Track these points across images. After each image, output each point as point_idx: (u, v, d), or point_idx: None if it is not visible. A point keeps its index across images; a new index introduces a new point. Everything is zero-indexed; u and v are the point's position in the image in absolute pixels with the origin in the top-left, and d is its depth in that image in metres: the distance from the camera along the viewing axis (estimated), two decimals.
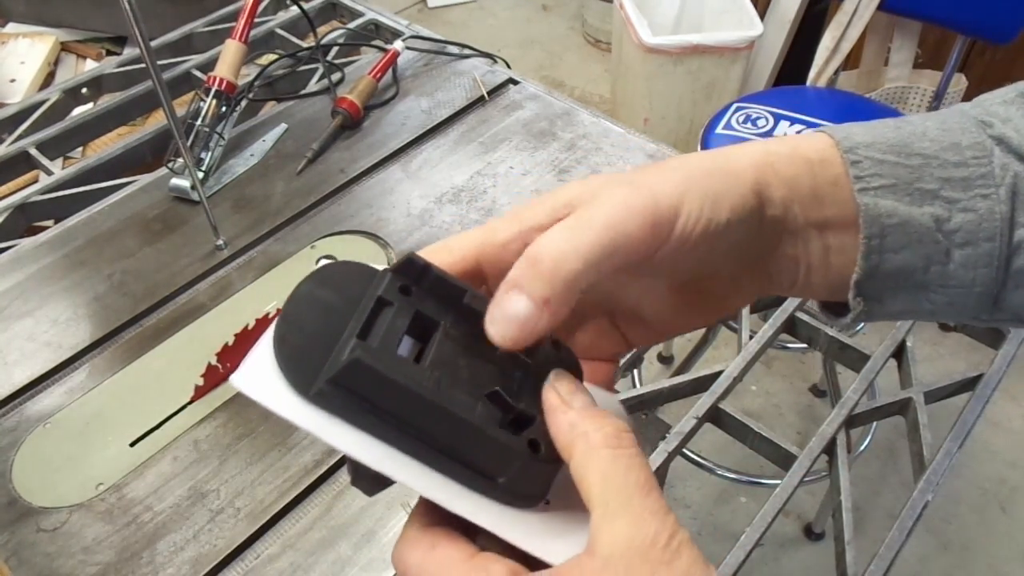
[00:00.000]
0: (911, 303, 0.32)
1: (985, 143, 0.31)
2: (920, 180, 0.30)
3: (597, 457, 0.25)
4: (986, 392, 0.75)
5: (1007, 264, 0.31)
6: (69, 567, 0.60)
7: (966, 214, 0.30)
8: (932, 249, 0.30)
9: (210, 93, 0.92)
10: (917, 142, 0.31)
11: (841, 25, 1.60)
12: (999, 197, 0.30)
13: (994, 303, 0.32)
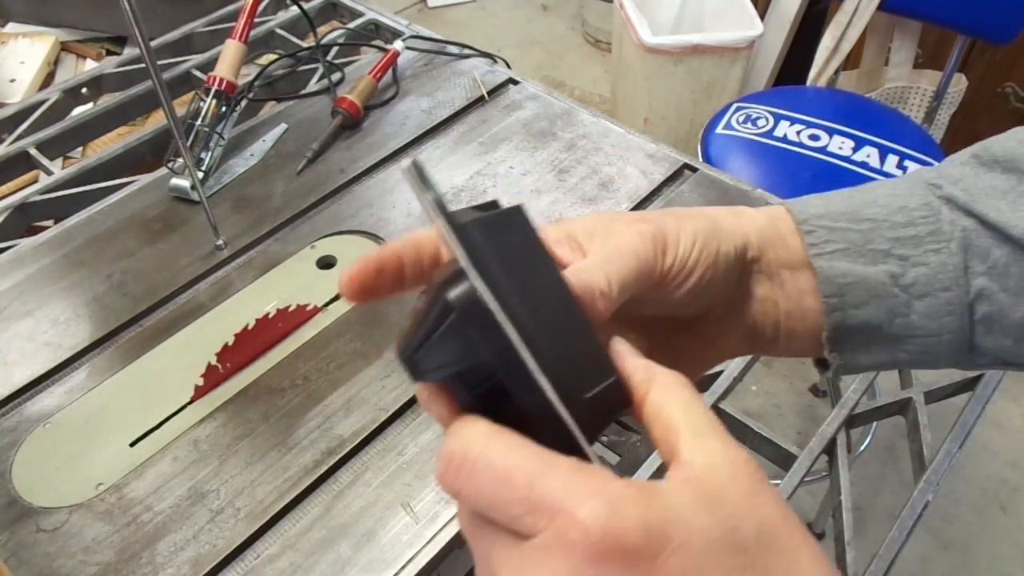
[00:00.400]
0: (887, 355, 0.35)
1: (933, 203, 0.34)
2: (871, 242, 0.34)
3: (677, 390, 0.26)
4: (986, 392, 0.75)
5: (971, 311, 0.34)
6: (69, 567, 0.60)
7: (919, 268, 0.33)
8: (892, 303, 0.34)
9: (210, 93, 0.92)
10: (866, 208, 0.34)
11: (841, 25, 1.60)
12: (950, 250, 0.33)
13: (970, 349, 0.35)
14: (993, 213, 0.33)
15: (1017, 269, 0.33)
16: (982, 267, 0.33)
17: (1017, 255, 0.33)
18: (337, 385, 0.72)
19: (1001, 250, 0.33)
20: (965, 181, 0.34)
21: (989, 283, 0.33)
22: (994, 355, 0.35)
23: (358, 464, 0.67)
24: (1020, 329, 0.34)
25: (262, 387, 0.72)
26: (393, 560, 0.60)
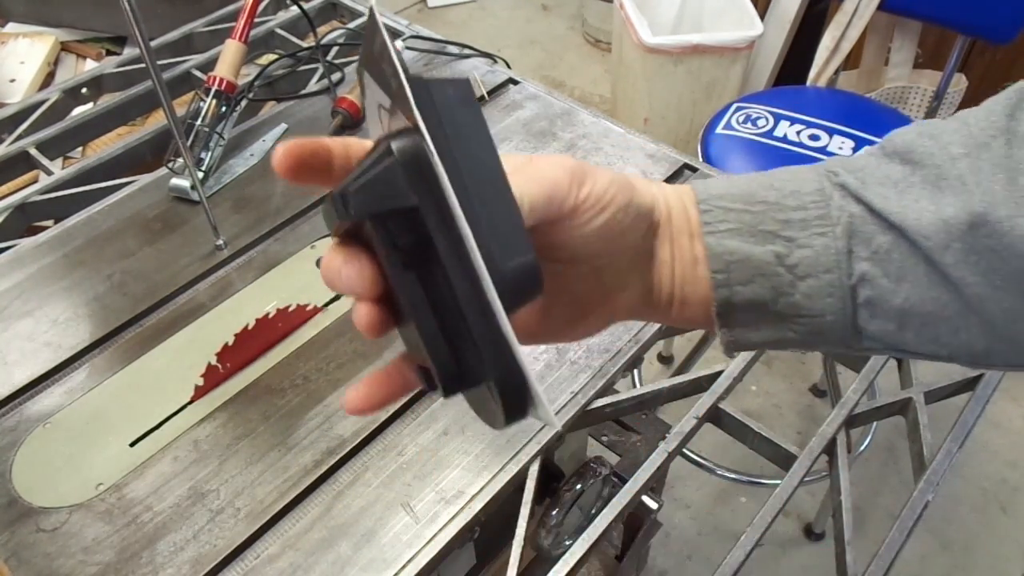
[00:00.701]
0: (775, 332, 0.37)
1: (826, 189, 0.35)
2: (762, 223, 0.35)
3: None
4: (986, 392, 0.75)
5: (853, 295, 0.35)
6: (69, 567, 0.60)
7: (803, 250, 0.35)
8: (777, 282, 0.35)
9: (210, 93, 0.92)
10: (763, 191, 0.36)
11: (841, 25, 1.60)
12: (835, 234, 0.35)
13: (856, 333, 0.36)
14: (879, 200, 0.34)
15: (898, 256, 0.34)
16: (866, 252, 0.34)
17: (899, 242, 0.34)
18: (337, 385, 0.72)
19: (884, 237, 0.34)
20: (864, 170, 0.35)
21: (871, 268, 0.34)
22: (880, 339, 0.36)
23: (358, 464, 0.67)
24: (901, 315, 0.35)
25: (262, 387, 0.72)
26: (393, 560, 0.60)
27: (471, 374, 0.28)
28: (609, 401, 0.71)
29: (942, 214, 0.33)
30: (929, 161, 0.34)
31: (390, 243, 0.27)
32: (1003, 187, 0.32)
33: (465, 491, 0.64)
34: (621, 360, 0.73)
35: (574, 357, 0.74)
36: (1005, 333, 0.34)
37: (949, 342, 0.35)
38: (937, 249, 0.33)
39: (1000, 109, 0.33)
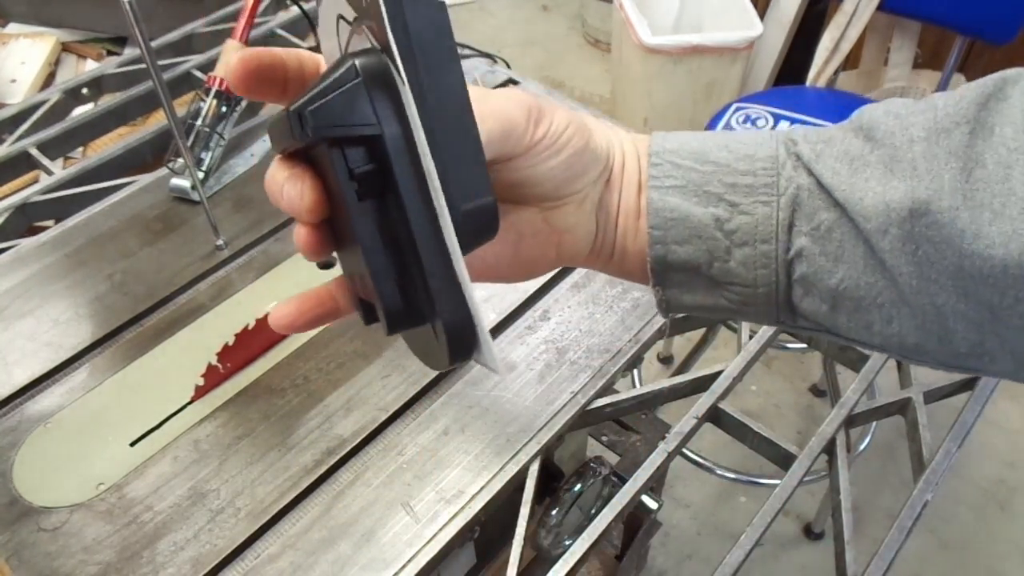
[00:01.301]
0: (709, 297, 0.36)
1: (779, 156, 0.34)
2: (708, 184, 0.34)
3: None
4: (985, 392, 0.75)
5: (789, 269, 0.34)
6: (69, 567, 0.60)
7: (744, 216, 0.34)
8: (713, 245, 0.35)
9: (210, 93, 0.93)
10: (716, 151, 0.35)
11: (841, 25, 1.60)
12: (778, 205, 0.34)
13: (791, 310, 0.35)
14: (829, 175, 0.33)
15: (839, 235, 0.33)
16: (807, 227, 0.33)
17: (842, 221, 0.33)
18: (337, 385, 0.72)
19: (828, 213, 0.33)
20: (827, 142, 0.34)
21: (810, 244, 0.33)
22: (813, 319, 0.35)
23: (358, 464, 0.67)
24: (835, 296, 0.34)
25: (262, 387, 0.72)
26: (393, 560, 0.60)
27: (417, 312, 0.27)
28: (609, 401, 0.71)
29: (886, 196, 0.31)
30: (888, 141, 0.33)
31: (344, 169, 0.25)
32: (953, 177, 0.30)
33: (465, 491, 0.64)
34: (621, 360, 0.73)
35: (574, 357, 0.74)
36: (936, 330, 0.32)
37: (881, 331, 0.34)
38: (875, 232, 0.32)
39: (973, 96, 0.32)
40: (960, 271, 0.30)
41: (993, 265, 0.29)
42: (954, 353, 0.33)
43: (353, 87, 0.24)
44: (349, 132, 0.25)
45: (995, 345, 0.32)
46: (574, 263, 0.38)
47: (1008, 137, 0.30)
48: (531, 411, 0.69)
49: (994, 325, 0.31)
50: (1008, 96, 0.31)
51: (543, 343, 0.75)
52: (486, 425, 0.68)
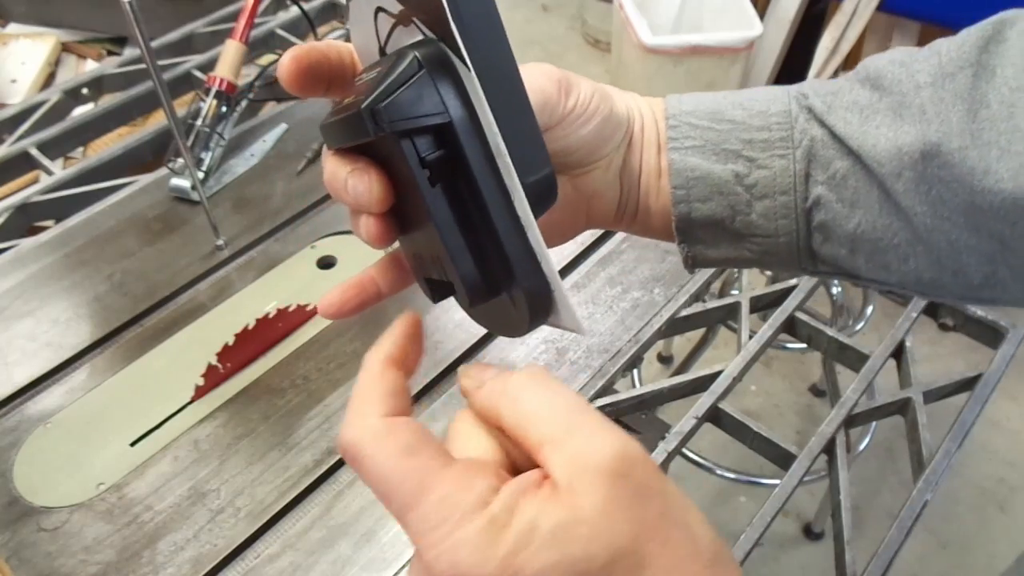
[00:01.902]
0: (733, 250, 0.37)
1: (792, 111, 0.35)
2: (726, 142, 0.35)
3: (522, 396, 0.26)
4: (985, 392, 0.75)
5: (808, 217, 0.35)
6: (70, 566, 0.60)
7: (763, 170, 0.35)
8: (734, 200, 0.36)
9: (210, 93, 0.93)
10: (731, 110, 0.36)
11: (840, 26, 1.60)
12: (795, 157, 0.35)
13: (812, 256, 0.37)
14: (841, 125, 0.34)
15: (854, 181, 0.34)
16: (823, 176, 0.35)
17: (856, 168, 0.34)
18: (337, 385, 0.72)
19: (843, 162, 0.34)
20: (836, 94, 0.35)
21: (827, 192, 0.35)
22: (833, 263, 0.37)
23: None
24: (853, 240, 0.35)
25: (262, 387, 0.72)
26: (393, 560, 0.60)
27: (494, 285, 0.28)
28: (609, 401, 0.71)
29: (898, 141, 0.33)
30: (896, 88, 0.34)
31: (416, 158, 0.26)
32: (960, 118, 0.32)
33: None
34: (621, 360, 0.73)
35: (574, 357, 0.74)
36: (950, 265, 0.34)
37: (899, 269, 0.35)
38: (890, 176, 0.33)
39: (973, 41, 0.33)
40: (972, 207, 0.31)
41: (1004, 199, 0.31)
42: (968, 285, 0.34)
43: (420, 79, 0.25)
44: (422, 123, 0.25)
45: (1006, 274, 0.33)
46: (603, 226, 0.39)
47: (1009, 77, 0.31)
48: None
49: (1004, 255, 0.32)
50: (1007, 38, 0.32)
51: (543, 343, 0.75)
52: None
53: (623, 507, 0.23)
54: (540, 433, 0.24)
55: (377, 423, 0.26)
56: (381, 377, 0.28)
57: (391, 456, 0.25)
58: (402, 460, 0.24)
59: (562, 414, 0.25)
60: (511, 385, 0.26)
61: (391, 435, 0.25)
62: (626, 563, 0.23)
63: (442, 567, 0.23)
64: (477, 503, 0.23)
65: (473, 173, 0.26)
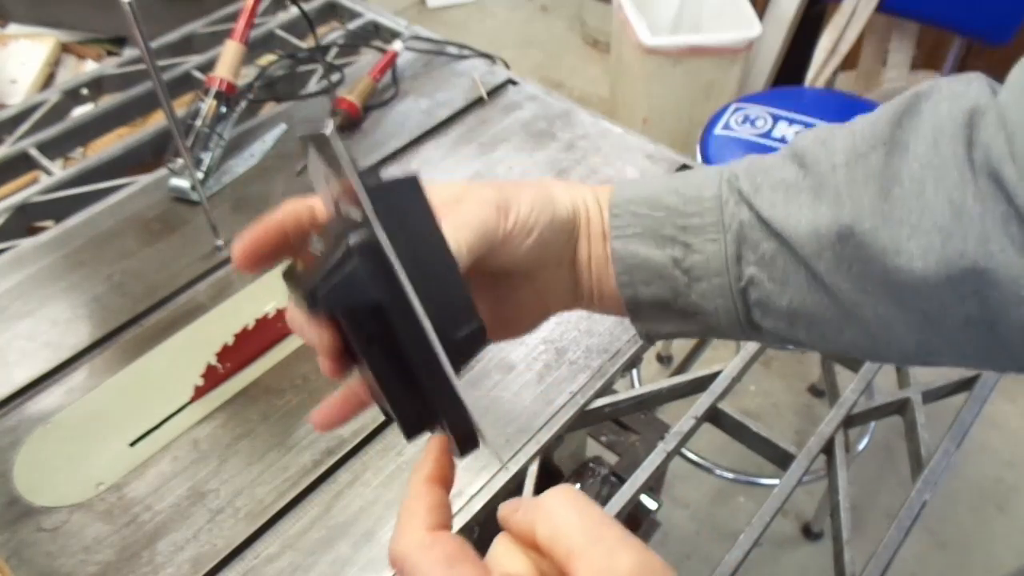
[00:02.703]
0: (682, 325, 0.40)
1: (723, 195, 0.37)
2: (663, 228, 0.38)
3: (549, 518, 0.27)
4: (984, 392, 0.75)
5: (744, 295, 0.37)
6: (70, 566, 0.60)
7: (697, 255, 0.37)
8: (674, 283, 0.38)
9: (210, 93, 0.93)
10: (667, 196, 0.38)
11: (839, 26, 1.60)
12: (725, 241, 0.36)
13: (755, 328, 0.38)
14: (767, 207, 0.36)
15: (782, 262, 0.36)
16: (753, 257, 0.36)
17: (782, 249, 0.35)
18: (336, 385, 0.72)
19: (769, 243, 0.36)
20: (768, 173, 0.37)
21: (758, 272, 0.36)
22: (775, 335, 0.38)
23: (357, 464, 0.67)
24: (790, 314, 0.36)
25: (262, 387, 0.72)
26: None
27: (430, 422, 0.33)
28: (608, 401, 0.71)
29: (816, 222, 0.34)
30: (816, 168, 0.35)
31: (354, 327, 0.30)
32: (872, 199, 0.32)
33: (464, 491, 0.64)
34: (620, 360, 0.73)
35: (573, 357, 0.74)
36: (883, 336, 0.35)
37: (836, 340, 0.36)
38: (812, 256, 0.34)
39: (888, 117, 0.33)
40: (890, 284, 0.32)
41: (916, 277, 0.31)
42: (904, 353, 0.35)
43: (352, 268, 0.29)
44: (356, 304, 0.29)
45: (939, 344, 0.34)
46: (563, 311, 0.42)
47: (920, 153, 0.32)
48: (530, 411, 0.69)
49: (932, 328, 0.33)
50: (920, 111, 0.33)
51: (542, 343, 0.75)
52: (485, 425, 0.68)
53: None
54: (569, 544, 0.26)
55: (423, 536, 0.29)
56: (425, 495, 0.31)
57: (435, 564, 0.27)
58: (445, 569, 0.27)
59: (589, 527, 0.27)
60: (545, 502, 0.28)
61: (435, 546, 0.28)
62: None
63: None
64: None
65: (401, 342, 0.30)
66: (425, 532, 0.29)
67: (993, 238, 0.30)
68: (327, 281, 0.29)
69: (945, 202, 0.31)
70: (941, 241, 0.31)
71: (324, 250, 0.31)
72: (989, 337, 0.32)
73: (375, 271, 0.29)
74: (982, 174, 0.31)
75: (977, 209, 0.30)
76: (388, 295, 0.29)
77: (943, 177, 0.31)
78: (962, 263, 0.30)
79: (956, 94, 0.33)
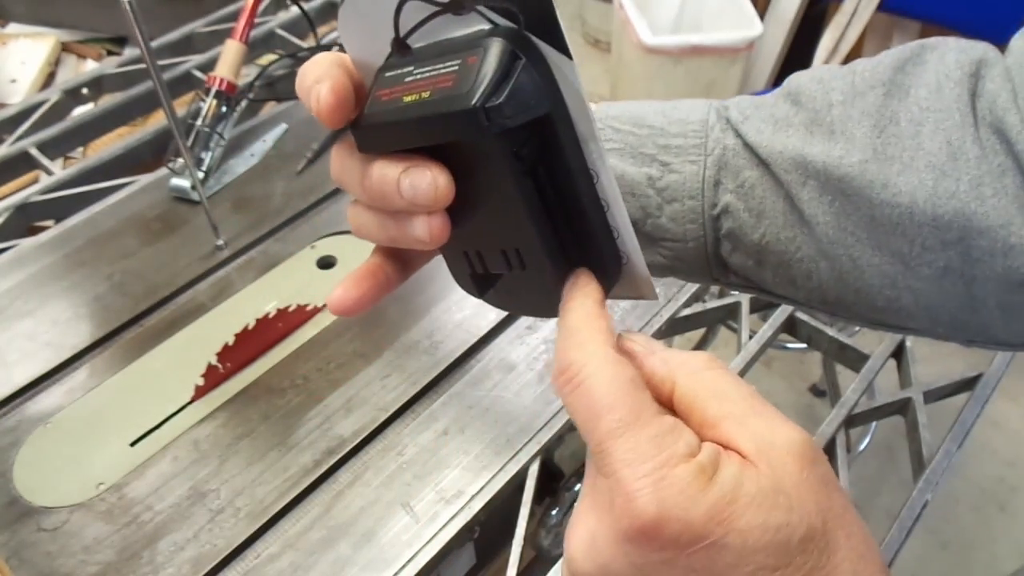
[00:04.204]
0: (647, 255, 0.38)
1: (710, 120, 0.36)
2: (643, 146, 0.37)
3: (701, 378, 0.26)
4: (985, 392, 0.75)
5: (716, 224, 0.36)
6: (70, 567, 0.60)
7: (674, 175, 0.36)
8: (645, 202, 0.37)
9: (210, 93, 0.93)
10: (652, 116, 0.37)
11: (840, 26, 1.60)
12: (705, 164, 0.36)
13: (722, 265, 0.37)
14: (753, 134, 0.35)
15: (761, 191, 0.35)
16: (732, 184, 0.35)
17: (764, 177, 0.35)
18: (337, 385, 0.72)
19: (752, 171, 0.35)
20: (759, 108, 0.36)
21: (735, 200, 0.35)
22: (743, 275, 0.37)
23: (358, 464, 0.67)
24: (759, 251, 0.36)
25: (262, 387, 0.72)
26: (393, 560, 0.60)
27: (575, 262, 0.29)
28: None
29: (803, 151, 0.33)
30: (810, 105, 0.34)
31: (509, 152, 0.25)
32: (865, 133, 0.32)
33: (465, 491, 0.64)
34: None
35: None
36: (852, 283, 0.34)
37: (804, 285, 0.35)
38: (795, 184, 0.34)
39: (890, 62, 0.33)
40: (872, 222, 0.32)
41: (900, 213, 0.31)
42: (872, 307, 0.34)
43: (521, 71, 0.24)
44: (529, 116, 0.24)
45: (909, 300, 0.33)
46: None
47: (921, 97, 0.32)
48: (531, 411, 0.69)
49: (906, 278, 0.32)
50: (925, 60, 0.33)
51: (543, 343, 0.75)
52: (486, 425, 0.68)
53: (815, 489, 0.24)
54: (722, 409, 0.25)
55: (610, 351, 0.26)
56: (601, 316, 0.28)
57: (618, 380, 0.25)
58: (627, 388, 0.25)
59: (746, 396, 0.25)
60: (693, 361, 0.27)
61: (622, 364, 0.25)
62: (819, 542, 0.24)
63: (646, 500, 0.23)
64: (687, 451, 0.24)
65: (566, 160, 0.26)
66: (611, 348, 0.26)
67: (987, 182, 0.30)
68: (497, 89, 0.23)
69: (943, 142, 0.31)
70: (933, 180, 0.30)
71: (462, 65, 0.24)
72: (964, 295, 0.32)
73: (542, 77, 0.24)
74: (984, 123, 0.30)
75: (975, 152, 0.30)
76: (555, 103, 0.25)
77: (943, 120, 0.31)
78: (952, 203, 0.30)
79: (963, 47, 0.33)
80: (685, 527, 0.22)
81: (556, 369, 0.26)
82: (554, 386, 0.26)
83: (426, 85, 0.25)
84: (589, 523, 0.25)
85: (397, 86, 0.27)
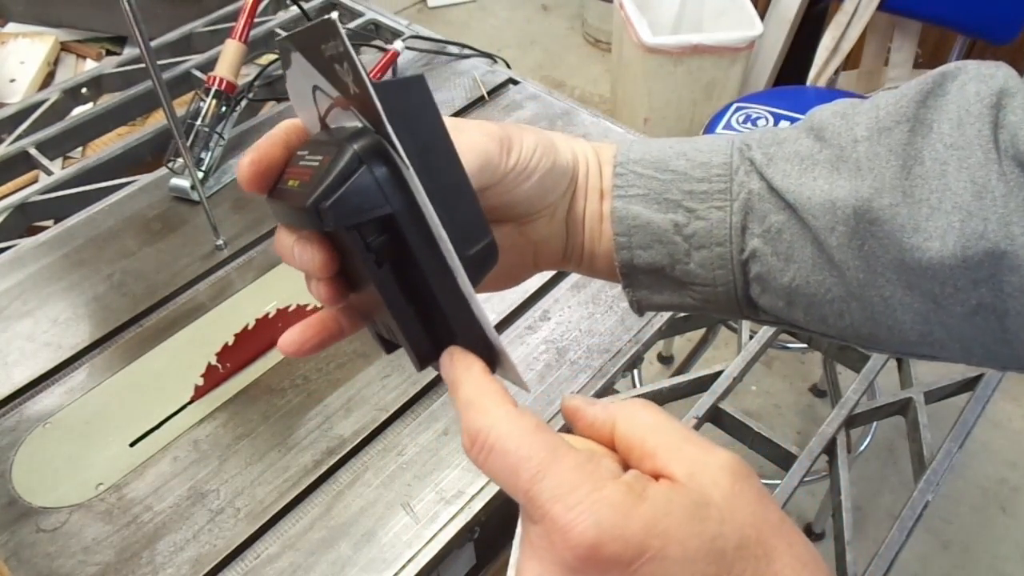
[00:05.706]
0: (676, 296, 0.38)
1: (733, 163, 0.36)
2: (668, 192, 0.36)
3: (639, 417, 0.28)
4: (986, 392, 0.75)
5: (745, 269, 0.36)
6: (69, 567, 0.60)
7: (700, 221, 0.36)
8: (673, 249, 0.37)
9: (210, 93, 0.92)
10: (675, 160, 0.37)
11: (841, 25, 1.60)
12: (731, 209, 0.35)
13: (752, 305, 0.37)
14: (779, 178, 0.35)
15: (788, 235, 0.35)
16: (759, 229, 0.35)
17: (791, 221, 0.34)
18: (337, 385, 0.72)
19: (779, 215, 0.35)
20: (782, 145, 0.36)
21: (762, 245, 0.35)
22: (772, 314, 0.37)
23: (358, 464, 0.67)
24: (790, 293, 0.35)
25: (262, 387, 0.72)
26: (393, 560, 0.60)
27: (442, 348, 0.30)
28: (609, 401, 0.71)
29: (832, 195, 0.33)
30: (835, 141, 0.34)
31: (362, 245, 0.27)
32: (893, 174, 0.32)
33: (465, 491, 0.64)
34: (621, 360, 0.73)
35: (574, 357, 0.74)
36: (885, 321, 0.34)
37: (835, 324, 0.35)
38: (823, 230, 0.33)
39: (912, 94, 0.33)
40: (902, 264, 0.32)
41: (931, 258, 0.31)
42: (905, 341, 0.34)
43: (361, 175, 0.26)
44: (366, 217, 0.26)
45: (942, 334, 0.33)
46: (551, 268, 0.40)
47: (945, 133, 0.31)
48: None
49: (938, 315, 0.32)
50: (947, 91, 0.32)
51: (543, 343, 0.75)
52: None
53: (750, 501, 0.25)
54: (658, 440, 0.26)
55: (510, 409, 0.27)
56: (489, 380, 0.29)
57: (525, 431, 0.26)
58: (535, 434, 0.26)
59: (679, 429, 0.27)
60: (628, 405, 0.28)
61: (523, 416, 0.27)
62: (755, 550, 0.24)
63: (583, 526, 0.23)
64: (610, 474, 0.25)
65: (416, 257, 0.27)
66: (510, 407, 0.27)
67: (1016, 220, 0.29)
68: (330, 192, 0.26)
69: (967, 182, 0.30)
70: (960, 221, 0.30)
71: (321, 162, 0.27)
72: (997, 329, 0.32)
73: (385, 179, 0.26)
74: (1007, 156, 0.30)
75: (1000, 189, 0.30)
76: (401, 205, 0.26)
77: (967, 157, 0.31)
78: (981, 244, 0.30)
79: (984, 76, 0.32)
80: (624, 545, 0.23)
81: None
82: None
83: (303, 173, 0.28)
84: (533, 573, 0.25)
85: (294, 168, 0.29)
